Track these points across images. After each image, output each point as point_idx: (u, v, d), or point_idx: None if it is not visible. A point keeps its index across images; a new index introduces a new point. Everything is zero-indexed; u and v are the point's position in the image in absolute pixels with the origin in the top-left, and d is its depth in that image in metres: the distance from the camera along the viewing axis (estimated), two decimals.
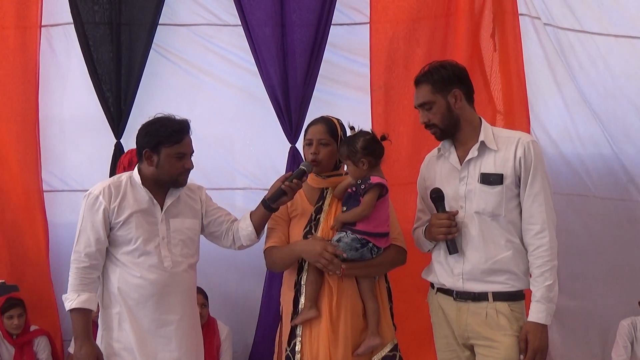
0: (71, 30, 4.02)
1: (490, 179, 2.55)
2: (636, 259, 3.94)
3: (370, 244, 2.64)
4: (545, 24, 3.90)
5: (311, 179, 2.80)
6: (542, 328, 2.51)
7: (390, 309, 2.80)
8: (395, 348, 2.72)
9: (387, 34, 3.95)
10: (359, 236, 2.63)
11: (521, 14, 3.90)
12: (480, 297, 2.57)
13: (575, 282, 3.91)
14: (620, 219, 3.98)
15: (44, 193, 4.05)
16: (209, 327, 3.88)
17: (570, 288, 3.78)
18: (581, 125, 3.99)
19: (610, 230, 3.98)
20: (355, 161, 2.63)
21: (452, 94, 2.59)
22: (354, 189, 2.66)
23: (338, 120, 2.82)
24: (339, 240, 2.63)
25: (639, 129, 3.94)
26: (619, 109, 3.95)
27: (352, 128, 2.71)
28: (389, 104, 3.93)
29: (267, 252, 2.81)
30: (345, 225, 2.66)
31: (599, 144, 3.97)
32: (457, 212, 2.59)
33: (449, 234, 2.57)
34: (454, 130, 2.63)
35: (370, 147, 2.63)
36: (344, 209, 2.68)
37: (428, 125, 2.64)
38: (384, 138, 2.67)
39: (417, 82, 2.64)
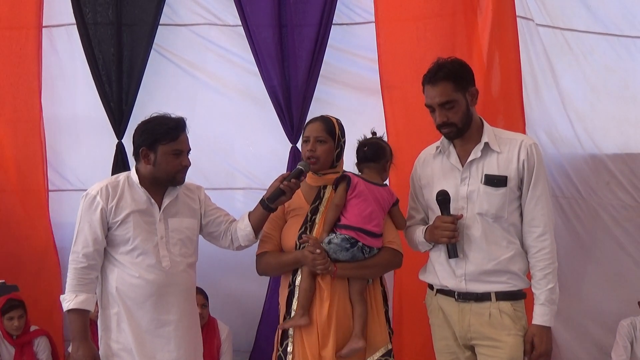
0: (73, 30, 4.04)
1: (495, 181, 2.53)
2: (632, 259, 3.94)
3: (360, 244, 2.63)
4: (538, 24, 3.91)
5: (309, 177, 2.79)
6: (547, 330, 2.52)
7: (386, 313, 2.76)
8: (388, 354, 2.68)
9: (393, 32, 3.93)
10: (347, 235, 2.62)
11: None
12: (483, 297, 2.56)
13: (574, 283, 3.91)
14: (608, 220, 3.99)
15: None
16: (209, 327, 3.88)
17: (569, 289, 3.78)
18: (564, 126, 4.01)
19: (598, 232, 3.99)
20: None
21: (470, 92, 2.57)
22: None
23: (337, 119, 2.81)
24: (329, 242, 2.62)
25: (622, 128, 3.97)
26: (604, 105, 3.98)
27: (373, 133, 2.83)
28: (399, 103, 3.92)
29: (259, 257, 2.81)
30: (335, 227, 2.66)
31: (583, 145, 3.99)
32: (462, 216, 2.57)
33: (453, 238, 2.55)
34: (466, 130, 2.59)
35: (357, 149, 2.83)
36: None
37: (446, 125, 2.55)
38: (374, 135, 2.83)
39: (435, 79, 2.54)
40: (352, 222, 2.63)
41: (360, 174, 2.78)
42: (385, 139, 3.83)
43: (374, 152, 2.76)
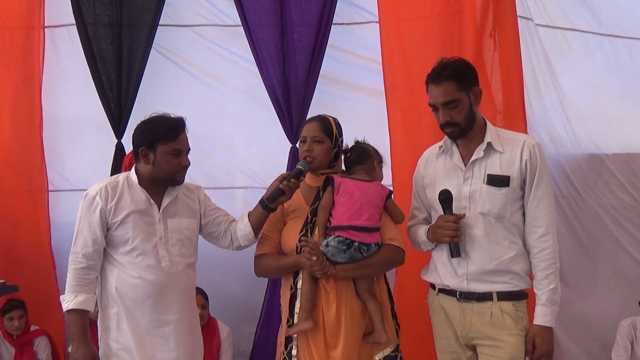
0: (74, 31, 4.03)
1: (497, 181, 2.53)
2: (632, 259, 3.94)
3: (356, 243, 2.61)
4: (537, 24, 3.91)
5: (308, 178, 2.79)
6: (549, 331, 2.51)
7: (392, 309, 2.76)
8: (396, 349, 2.69)
9: (397, 32, 3.93)
10: (341, 237, 2.61)
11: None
12: (484, 297, 2.56)
13: (573, 283, 3.91)
14: (607, 220, 3.99)
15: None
16: (209, 327, 3.88)
17: (569, 289, 3.78)
18: (564, 126, 4.02)
19: (598, 232, 4.00)
20: None
21: (473, 92, 2.57)
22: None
23: (334, 119, 2.80)
24: (326, 246, 2.61)
25: (622, 128, 3.97)
26: (604, 105, 3.98)
27: (356, 142, 2.84)
28: (402, 103, 3.92)
29: (257, 258, 2.80)
30: (328, 230, 2.66)
31: (583, 145, 4.00)
32: (464, 215, 2.57)
33: (455, 237, 2.55)
34: (469, 130, 2.59)
35: (343, 158, 2.85)
36: None
37: (449, 124, 2.55)
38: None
39: (438, 79, 2.54)
40: (341, 221, 2.62)
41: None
42: (388, 138, 3.90)
43: (358, 155, 2.77)
